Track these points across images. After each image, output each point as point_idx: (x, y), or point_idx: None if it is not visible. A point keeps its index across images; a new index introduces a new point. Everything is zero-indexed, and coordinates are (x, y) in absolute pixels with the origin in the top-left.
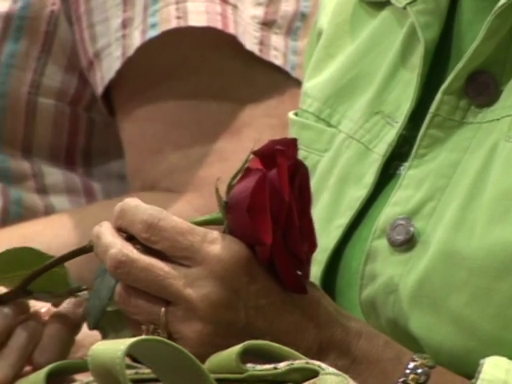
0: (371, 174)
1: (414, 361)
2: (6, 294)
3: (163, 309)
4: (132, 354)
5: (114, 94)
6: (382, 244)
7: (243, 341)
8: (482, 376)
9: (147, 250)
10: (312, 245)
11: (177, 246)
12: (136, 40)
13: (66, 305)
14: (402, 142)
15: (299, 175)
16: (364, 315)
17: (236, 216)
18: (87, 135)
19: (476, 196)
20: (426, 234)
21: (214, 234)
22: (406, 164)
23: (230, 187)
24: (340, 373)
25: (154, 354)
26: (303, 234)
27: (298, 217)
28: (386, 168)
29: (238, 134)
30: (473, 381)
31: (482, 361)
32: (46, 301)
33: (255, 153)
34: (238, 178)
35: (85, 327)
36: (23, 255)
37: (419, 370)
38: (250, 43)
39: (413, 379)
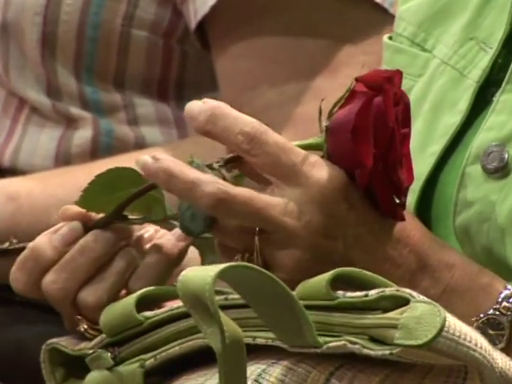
0: (465, 100)
1: (506, 289)
2: (101, 218)
3: (256, 238)
4: (221, 280)
5: (209, 29)
6: (476, 170)
7: None
8: None
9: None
10: (409, 176)
11: (278, 163)
12: None
13: (170, 236)
14: (497, 69)
15: (402, 105)
16: (459, 242)
17: (338, 138)
18: (180, 68)
19: None
20: None
21: (316, 157)
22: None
23: (331, 113)
24: (430, 301)
25: (243, 281)
26: (402, 163)
27: (399, 145)
28: (482, 94)
29: (335, 72)
30: None
31: None
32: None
33: (360, 79)
34: (339, 104)
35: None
36: (125, 175)
37: (511, 299)
38: None
39: (504, 308)
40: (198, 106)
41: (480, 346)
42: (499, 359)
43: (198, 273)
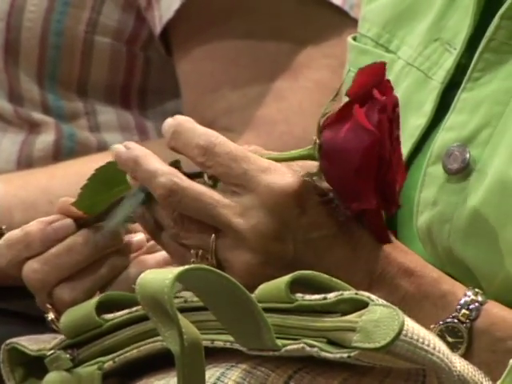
0: (430, 101)
1: (466, 296)
2: (88, 218)
3: (213, 235)
4: (180, 282)
5: (172, 34)
6: (437, 170)
7: (292, 273)
8: None
9: (191, 177)
10: (402, 177)
11: (230, 173)
12: None
13: (158, 255)
14: (461, 70)
15: (395, 113)
16: (421, 243)
17: (337, 167)
18: (143, 74)
19: None
20: (481, 163)
21: (267, 163)
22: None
23: (319, 126)
24: (389, 304)
25: (201, 283)
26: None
27: (392, 159)
28: (447, 96)
29: (296, 74)
30: None
31: None
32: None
33: (351, 95)
34: (325, 117)
35: None
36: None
37: (471, 306)
38: None
39: (463, 315)
40: (167, 123)
41: (438, 349)
42: (457, 363)
43: (156, 275)
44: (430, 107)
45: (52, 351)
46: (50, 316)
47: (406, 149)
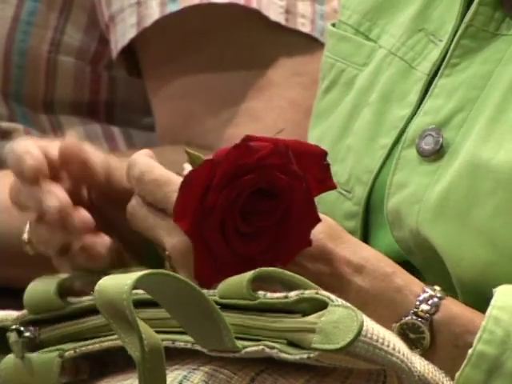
0: (415, 92)
1: (424, 292)
2: None
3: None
4: (138, 287)
5: (140, 55)
6: (411, 154)
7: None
8: (493, 303)
9: None
10: (279, 254)
11: (156, 199)
12: (154, 11)
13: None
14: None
15: (269, 179)
16: (389, 225)
17: None
18: (109, 92)
19: (506, 109)
20: (454, 145)
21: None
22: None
23: None
24: (349, 305)
25: (160, 287)
26: (256, 236)
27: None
28: (429, 85)
29: (268, 94)
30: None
31: (494, 290)
32: None
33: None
34: None
35: None
36: None
37: (429, 302)
38: (276, 13)
39: (422, 311)
40: None
41: (398, 350)
42: (418, 363)
43: (114, 281)
44: (416, 98)
45: (15, 326)
46: (24, 236)
47: (390, 139)
